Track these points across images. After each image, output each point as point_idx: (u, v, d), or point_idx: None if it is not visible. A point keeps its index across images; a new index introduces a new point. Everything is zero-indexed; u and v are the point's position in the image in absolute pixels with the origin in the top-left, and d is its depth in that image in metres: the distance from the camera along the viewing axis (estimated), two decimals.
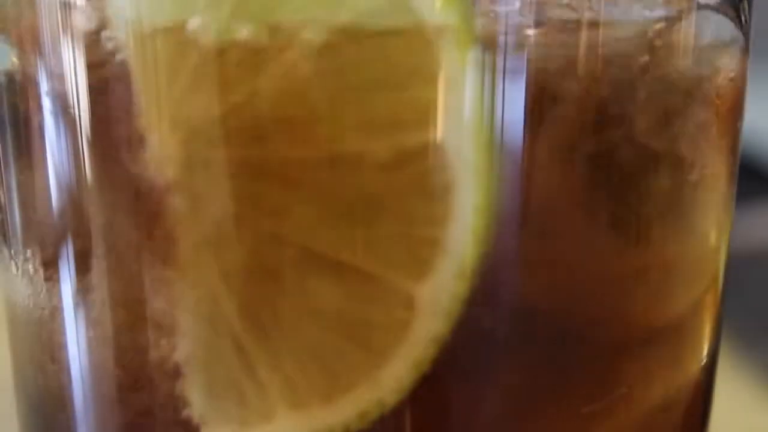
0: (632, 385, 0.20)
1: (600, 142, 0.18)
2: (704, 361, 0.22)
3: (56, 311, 0.20)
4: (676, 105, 0.19)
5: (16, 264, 0.21)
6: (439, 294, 0.17)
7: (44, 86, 0.19)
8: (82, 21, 0.17)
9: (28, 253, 0.21)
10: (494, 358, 0.19)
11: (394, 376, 0.18)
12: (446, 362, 0.18)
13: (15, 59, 0.19)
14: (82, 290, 0.19)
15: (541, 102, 0.17)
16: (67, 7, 0.18)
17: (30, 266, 0.21)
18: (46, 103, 0.19)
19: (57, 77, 0.18)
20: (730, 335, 0.46)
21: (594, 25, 0.18)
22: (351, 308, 0.17)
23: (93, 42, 0.17)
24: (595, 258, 0.19)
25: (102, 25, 0.17)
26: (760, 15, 0.23)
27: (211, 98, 0.17)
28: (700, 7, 0.19)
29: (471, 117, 0.17)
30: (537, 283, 0.19)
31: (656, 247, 0.20)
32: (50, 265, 0.20)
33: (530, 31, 0.17)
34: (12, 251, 0.21)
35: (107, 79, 0.18)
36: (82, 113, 0.18)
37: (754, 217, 0.58)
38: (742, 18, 0.20)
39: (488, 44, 0.17)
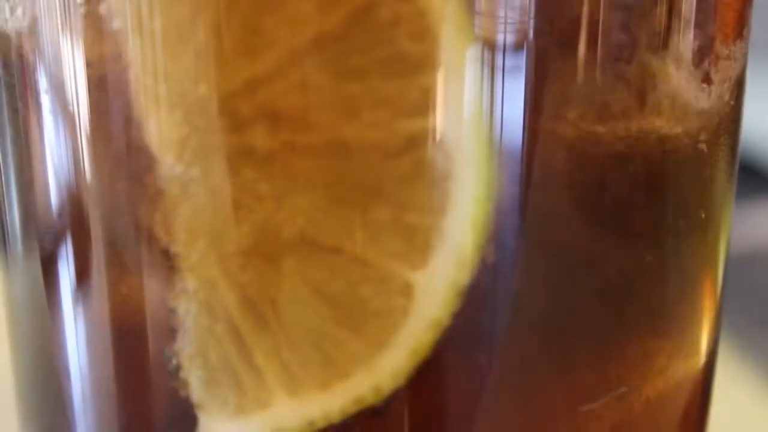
0: (631, 384, 0.20)
1: (600, 133, 0.18)
2: (704, 360, 0.22)
3: (55, 301, 0.20)
4: (678, 89, 0.19)
5: (15, 260, 0.21)
6: (437, 282, 0.17)
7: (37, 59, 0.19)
8: None
9: (27, 244, 0.21)
10: (492, 346, 0.19)
11: (391, 363, 0.18)
12: (444, 349, 0.18)
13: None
14: (81, 279, 0.19)
15: (540, 94, 0.18)
16: None
17: (29, 259, 0.21)
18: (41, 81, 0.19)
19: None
20: (730, 335, 0.46)
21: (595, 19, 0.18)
22: (349, 295, 0.18)
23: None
24: (597, 249, 0.19)
25: None
26: (760, 15, 0.23)
27: (210, 82, 0.17)
28: None
29: (470, 108, 0.17)
30: (535, 270, 0.19)
31: (658, 241, 0.20)
32: (48, 251, 0.20)
33: (531, 25, 0.17)
34: (10, 246, 0.21)
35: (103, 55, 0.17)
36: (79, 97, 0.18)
37: (754, 217, 0.58)
38: None
39: (488, 37, 0.17)
